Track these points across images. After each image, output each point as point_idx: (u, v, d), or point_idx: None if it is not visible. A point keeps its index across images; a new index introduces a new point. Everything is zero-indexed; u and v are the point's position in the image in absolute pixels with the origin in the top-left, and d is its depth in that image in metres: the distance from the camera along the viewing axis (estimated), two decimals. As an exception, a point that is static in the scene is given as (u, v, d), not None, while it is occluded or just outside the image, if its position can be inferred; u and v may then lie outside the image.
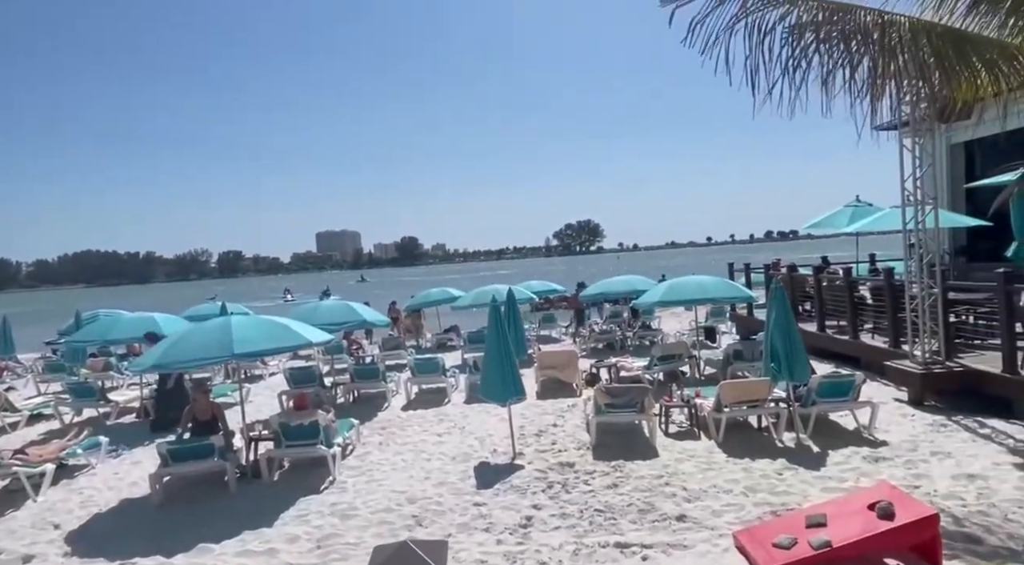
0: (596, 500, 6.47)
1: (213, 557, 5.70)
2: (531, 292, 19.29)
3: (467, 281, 46.32)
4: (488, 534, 5.85)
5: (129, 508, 7.21)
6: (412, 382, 12.48)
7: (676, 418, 9.29)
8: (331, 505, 6.83)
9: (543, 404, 11.02)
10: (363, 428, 9.83)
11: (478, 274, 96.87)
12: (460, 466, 7.92)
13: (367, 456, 8.63)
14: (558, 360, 12.61)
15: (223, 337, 7.63)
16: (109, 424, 11.46)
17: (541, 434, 9.13)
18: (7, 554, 6.02)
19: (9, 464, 7.64)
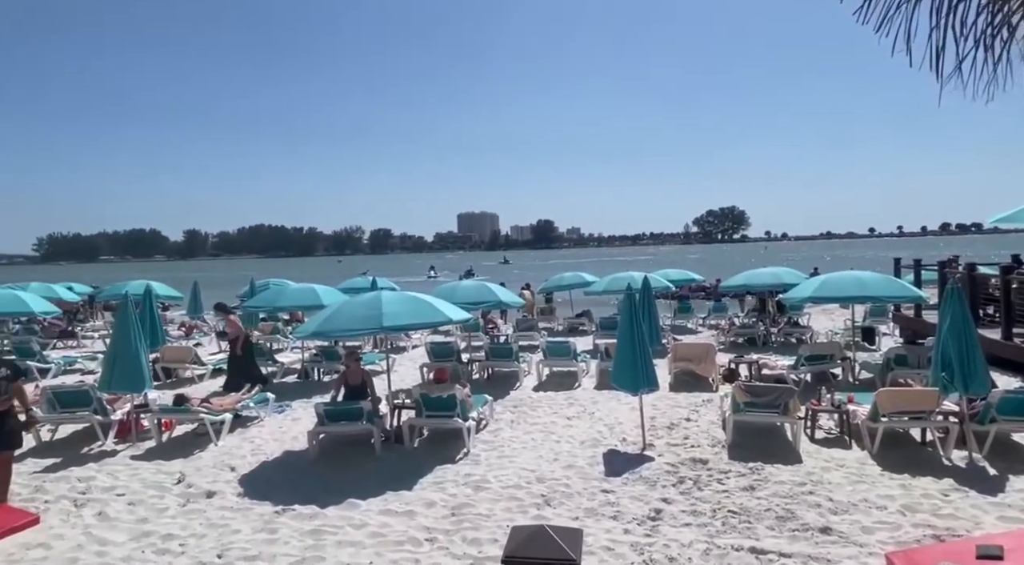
0: (730, 501, 6.22)
1: (359, 512, 6.21)
2: (668, 281, 18.73)
3: (608, 266, 46.09)
4: (615, 522, 5.84)
5: (290, 459, 8.04)
6: (544, 364, 12.68)
7: (824, 424, 8.64)
8: (465, 475, 7.16)
9: (676, 397, 10.73)
10: (496, 405, 10.17)
11: (617, 259, 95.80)
12: (588, 451, 7.96)
13: (499, 432, 8.92)
14: (694, 353, 12.19)
15: (374, 311, 8.21)
16: (275, 382, 12.80)
17: (673, 427, 8.91)
18: (195, 488, 6.97)
19: (197, 411, 8.81)
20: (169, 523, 6.07)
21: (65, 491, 6.91)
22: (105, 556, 5.43)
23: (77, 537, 5.80)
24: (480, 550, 5.35)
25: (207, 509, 6.40)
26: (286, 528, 5.87)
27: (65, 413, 8.75)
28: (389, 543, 5.53)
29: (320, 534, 5.72)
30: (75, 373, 13.84)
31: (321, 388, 11.92)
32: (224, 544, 5.58)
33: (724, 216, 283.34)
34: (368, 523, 5.94)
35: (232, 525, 5.98)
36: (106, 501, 6.63)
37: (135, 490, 6.94)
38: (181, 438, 8.88)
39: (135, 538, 5.76)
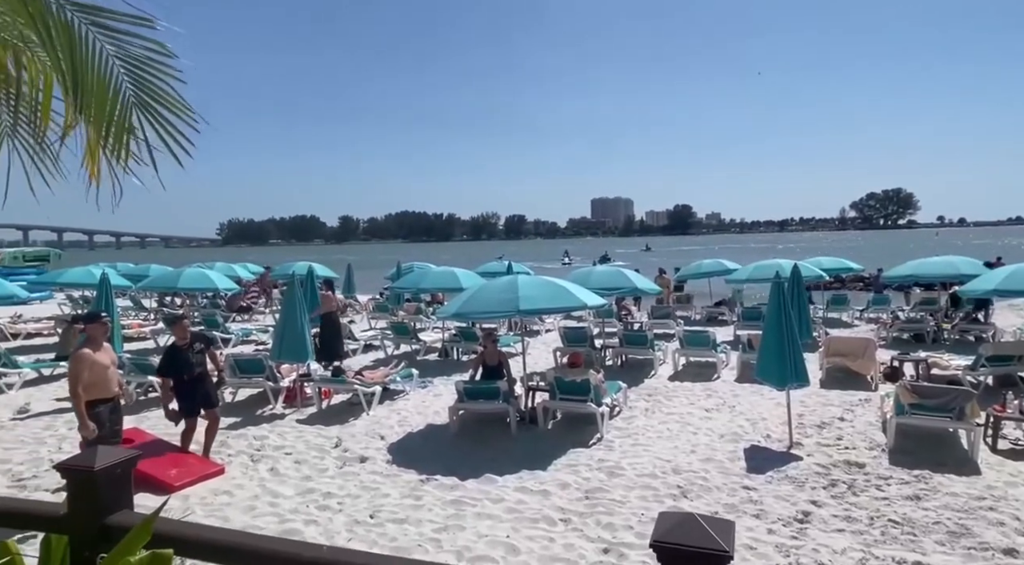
0: (892, 510, 5.70)
1: (496, 487, 6.45)
2: (821, 269, 17.33)
3: (752, 253, 43.57)
4: (758, 521, 5.57)
5: (432, 432, 8.51)
6: (680, 353, 12.31)
7: (1010, 433, 7.62)
8: (598, 460, 7.18)
9: (828, 394, 9.97)
10: (630, 392, 10.05)
11: (762, 246, 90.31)
12: (729, 445, 7.64)
13: (633, 420, 8.82)
14: (850, 347, 11.23)
15: (511, 294, 8.43)
16: (418, 360, 13.58)
17: (824, 426, 8.30)
18: (350, 452, 7.61)
19: (351, 382, 9.58)
20: (328, 482, 6.68)
21: (244, 447, 7.85)
22: (277, 506, 6.10)
23: (254, 488, 6.57)
24: (614, 535, 5.35)
25: (360, 472, 6.96)
26: (429, 496, 6.25)
27: (243, 378, 9.91)
28: (525, 520, 5.69)
29: (460, 505, 6.02)
30: (250, 344, 15.59)
31: (459, 367, 12.47)
32: (375, 505, 6.05)
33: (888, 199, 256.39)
34: (505, 498, 6.15)
35: (382, 489, 6.46)
36: (276, 458, 7.44)
37: (300, 450, 7.71)
38: (337, 406, 9.71)
39: (300, 493, 6.41)
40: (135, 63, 2.32)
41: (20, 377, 11.10)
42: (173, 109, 2.42)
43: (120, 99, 2.33)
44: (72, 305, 23.14)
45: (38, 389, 10.96)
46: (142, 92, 2.36)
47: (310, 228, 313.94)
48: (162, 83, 2.40)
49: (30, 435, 8.41)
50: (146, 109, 2.40)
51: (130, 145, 2.55)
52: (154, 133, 2.44)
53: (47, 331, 17.61)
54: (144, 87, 2.36)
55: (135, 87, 2.35)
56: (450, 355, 13.92)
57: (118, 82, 2.32)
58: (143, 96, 2.37)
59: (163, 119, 2.41)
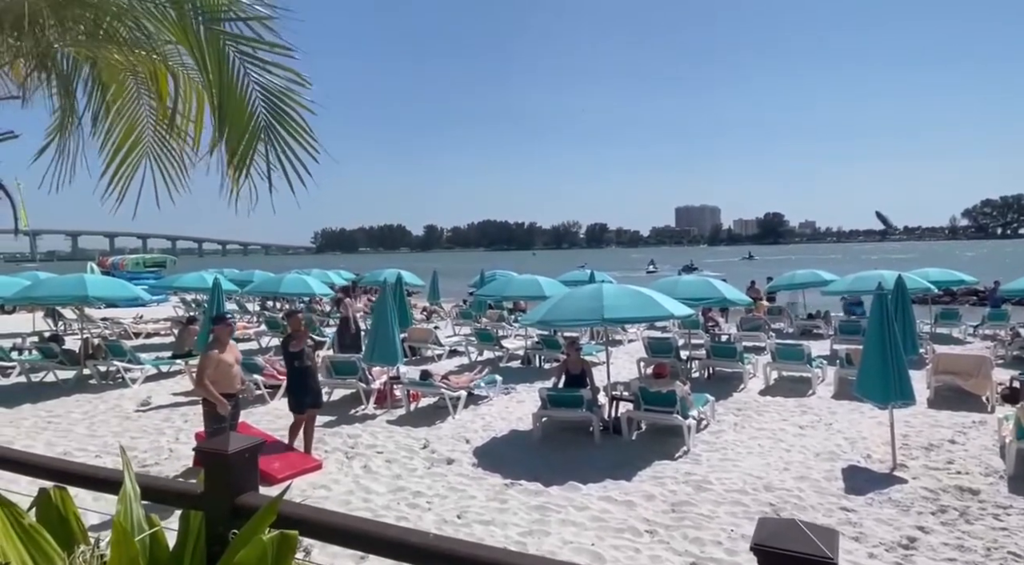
0: (1011, 541, 5.27)
1: (581, 495, 6.46)
2: (928, 281, 16.18)
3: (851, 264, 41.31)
4: (858, 544, 5.30)
5: (516, 437, 8.62)
6: (772, 367, 11.84)
7: None
8: (685, 474, 7.04)
9: (936, 415, 9.31)
10: (718, 406, 9.77)
11: (860, 257, 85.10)
12: (825, 464, 7.29)
13: (721, 434, 8.58)
14: (962, 365, 10.43)
15: (595, 303, 8.43)
16: (502, 366, 13.78)
17: (932, 448, 7.76)
18: (437, 454, 7.85)
19: (439, 386, 9.87)
20: (418, 482, 6.92)
21: (339, 444, 8.25)
22: (370, 502, 6.39)
23: (349, 484, 6.91)
24: (703, 550, 5.24)
25: (447, 474, 7.16)
26: (514, 500, 6.34)
27: (338, 379, 10.42)
28: (610, 529, 5.68)
29: (545, 510, 6.08)
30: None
31: (542, 374, 12.54)
32: (462, 506, 6.21)
33: (1007, 207, 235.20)
34: (589, 507, 6.16)
35: (468, 491, 6.62)
36: (369, 456, 7.78)
37: (391, 450, 8.03)
38: (425, 409, 10.03)
39: (392, 491, 6.68)
40: (271, 90, 2.56)
41: (142, 373, 12.16)
42: (297, 137, 2.64)
43: (254, 122, 2.58)
44: (186, 307, 25.11)
45: (158, 384, 11.97)
46: (273, 118, 2.60)
47: (397, 236, 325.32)
48: (292, 111, 2.64)
49: (151, 426, 9.21)
50: (273, 134, 2.63)
51: (252, 164, 2.80)
52: (276, 157, 2.67)
53: (164, 331, 19.20)
54: (276, 113, 2.60)
55: (268, 113, 2.59)
56: (532, 362, 14.03)
57: (255, 106, 2.57)
58: (272, 121, 2.61)
59: (286, 145, 2.64)
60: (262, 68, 2.49)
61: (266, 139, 2.64)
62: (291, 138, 2.66)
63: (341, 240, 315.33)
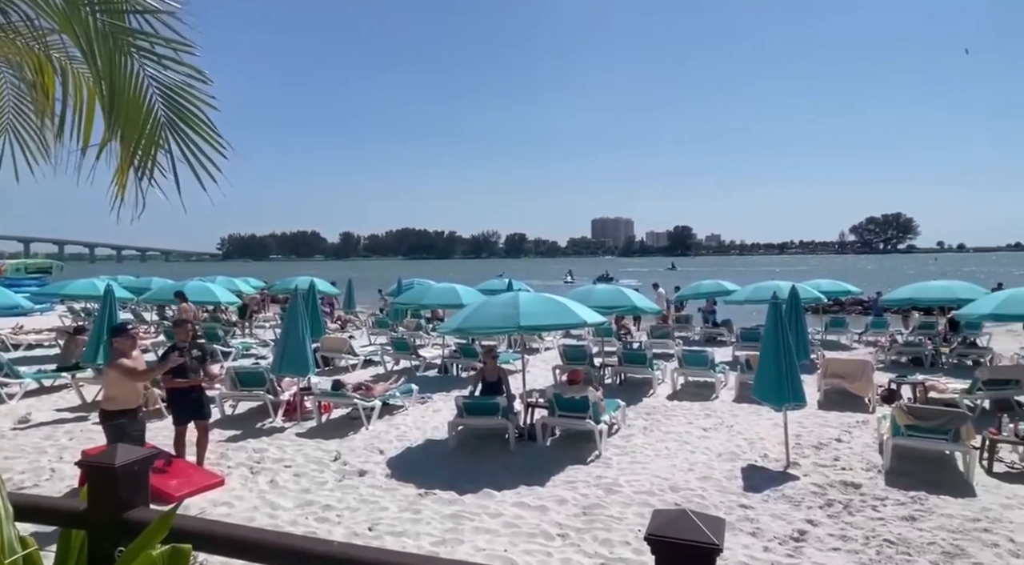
0: (887, 530, 5.74)
1: (495, 502, 6.48)
2: (819, 292, 17.45)
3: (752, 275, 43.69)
4: (755, 539, 5.61)
5: (431, 447, 8.54)
6: (679, 373, 12.37)
7: (1006, 457, 7.67)
8: (596, 477, 7.22)
9: (825, 415, 10.02)
10: (628, 411, 10.09)
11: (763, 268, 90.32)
12: (726, 464, 7.68)
13: (631, 438, 8.87)
14: (847, 369, 11.30)
15: (512, 310, 8.52)
16: (418, 375, 13.63)
17: (821, 447, 8.35)
18: (349, 466, 7.65)
19: (351, 397, 9.63)
20: (328, 495, 6.72)
21: (243, 459, 7.88)
22: (276, 518, 6.14)
23: (253, 500, 6.61)
24: (611, 551, 5.39)
25: (359, 486, 7.00)
26: (428, 509, 6.28)
27: (244, 391, 9.96)
28: (522, 534, 5.73)
29: (459, 518, 6.06)
30: (251, 357, 15.64)
31: (459, 383, 12.52)
32: (374, 518, 6.08)
33: (888, 223, 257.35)
34: (503, 513, 6.19)
35: (381, 502, 6.50)
36: (276, 471, 7.47)
37: (299, 463, 7.75)
38: (337, 420, 9.76)
39: (300, 506, 6.45)
40: (170, 86, 2.44)
41: (21, 387, 11.14)
42: (202, 133, 2.53)
43: (152, 119, 2.45)
44: (73, 317, 23.23)
45: (38, 400, 11.00)
46: (174, 114, 2.48)
47: (311, 243, 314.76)
48: (194, 107, 2.52)
49: (31, 445, 8.45)
50: (176, 130, 2.51)
51: (155, 164, 2.66)
52: (180, 154, 2.55)
53: (48, 342, 17.68)
54: (176, 109, 2.48)
55: (168, 109, 2.47)
56: (450, 371, 13.98)
57: (152, 103, 2.44)
58: (174, 118, 2.49)
59: (191, 142, 2.53)
60: (159, 63, 2.37)
61: (166, 136, 2.51)
62: (195, 134, 2.54)
63: (250, 246, 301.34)
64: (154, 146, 2.59)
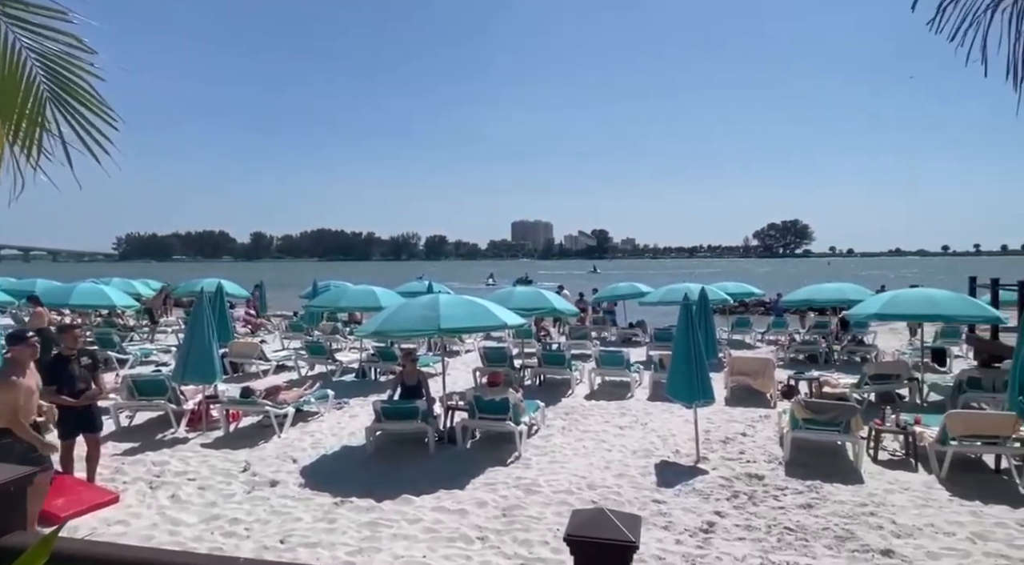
0: (787, 517, 6.10)
1: (413, 508, 6.38)
2: (726, 294, 18.38)
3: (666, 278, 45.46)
4: (667, 533, 5.81)
5: (348, 453, 8.31)
6: (596, 373, 12.65)
7: (888, 445, 8.33)
8: (516, 478, 7.26)
9: (732, 411, 10.54)
10: (548, 411, 10.22)
11: (676, 271, 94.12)
12: (641, 461, 7.92)
13: (550, 438, 8.98)
14: (751, 367, 11.94)
15: (432, 313, 8.44)
16: (335, 380, 13.23)
17: (728, 441, 8.76)
18: (259, 477, 7.30)
19: (262, 404, 9.22)
20: (236, 508, 6.39)
21: (142, 473, 7.36)
22: (177, 535, 5.77)
23: (152, 516, 6.18)
24: (531, 551, 5.42)
25: (271, 497, 6.70)
26: (344, 519, 6.10)
27: (143, 400, 9.31)
28: (442, 539, 5.67)
29: (376, 526, 5.92)
30: (151, 364, 14.66)
31: (377, 387, 12.26)
32: (286, 530, 5.84)
33: (786, 230, 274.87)
34: (422, 518, 6.10)
35: (294, 513, 6.25)
36: (178, 485, 7.03)
37: (205, 476, 7.32)
38: (247, 429, 9.31)
39: (205, 520, 6.09)
40: (50, 57, 2.23)
41: None
42: (90, 106, 2.33)
43: (33, 92, 2.22)
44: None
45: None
46: (57, 86, 2.26)
47: (218, 244, 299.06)
48: (78, 78, 2.31)
49: None
50: (61, 104, 2.30)
51: (42, 141, 2.43)
52: (69, 129, 2.34)
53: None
54: (59, 81, 2.26)
55: (50, 81, 2.25)
56: (368, 375, 13.67)
57: (31, 74, 2.21)
58: (58, 90, 2.27)
59: (78, 114, 2.32)
60: (35, 33, 2.16)
61: (51, 110, 2.29)
62: (83, 107, 2.33)
63: (151, 247, 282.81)
64: (39, 119, 2.36)
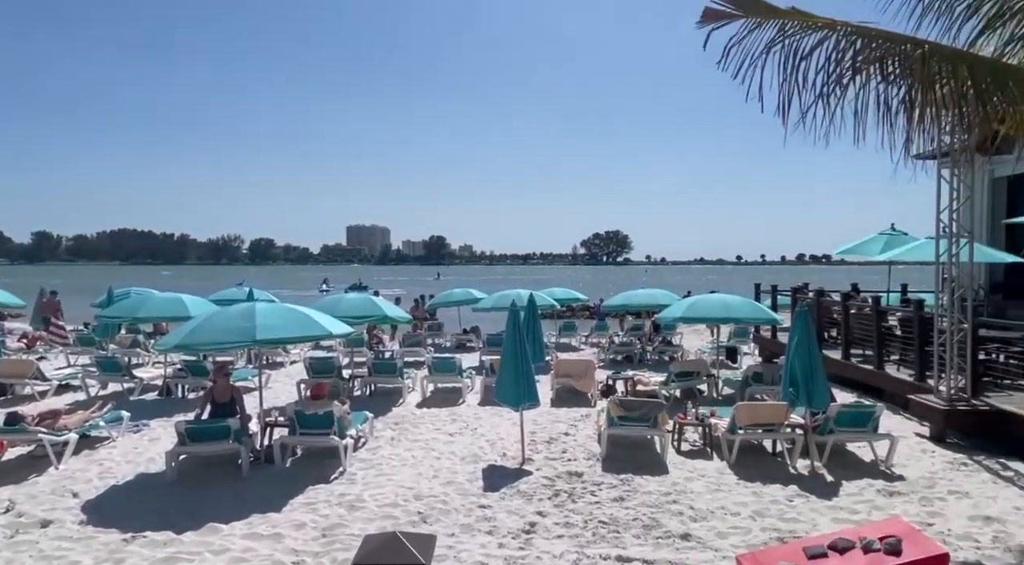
0: (602, 512, 6.46)
1: (220, 537, 5.81)
2: (553, 299, 19.28)
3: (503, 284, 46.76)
4: (491, 537, 5.87)
5: (145, 482, 7.39)
6: (429, 380, 12.57)
7: (690, 436, 9.21)
8: (339, 495, 6.93)
9: (557, 412, 11.02)
10: (377, 422, 9.94)
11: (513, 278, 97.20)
12: (469, 467, 7.97)
13: (378, 450, 8.72)
14: (575, 369, 12.60)
15: (247, 323, 7.80)
16: (132, 400, 11.76)
17: (552, 442, 9.13)
18: (27, 517, 6.22)
19: (35, 431, 7.89)
20: (-9, 558, 5.37)
21: None
22: (-95, 600, 4.71)
23: None
24: (350, 571, 5.18)
25: (40, 540, 5.73)
26: (135, 556, 5.39)
27: None
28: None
29: (174, 561, 5.31)
30: None
31: (185, 406, 11.08)
32: (58, 579, 5.02)
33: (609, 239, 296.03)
34: (230, 548, 5.58)
35: (70, 556, 5.40)
36: (-89, 536, 5.76)
37: (-50, 522, 6.08)
38: (13, 462, 7.92)
39: (-54, 577, 5.05)
40: None
41: None
42: None
43: None
44: None
45: None
46: None
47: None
48: None
49: None
50: None
51: None
52: None
53: None
54: None
55: None
56: (173, 393, 12.32)
57: None
58: None
59: None
60: None
61: None
62: None
63: None
64: None
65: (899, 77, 5.06)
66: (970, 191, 9.26)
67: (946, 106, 4.98)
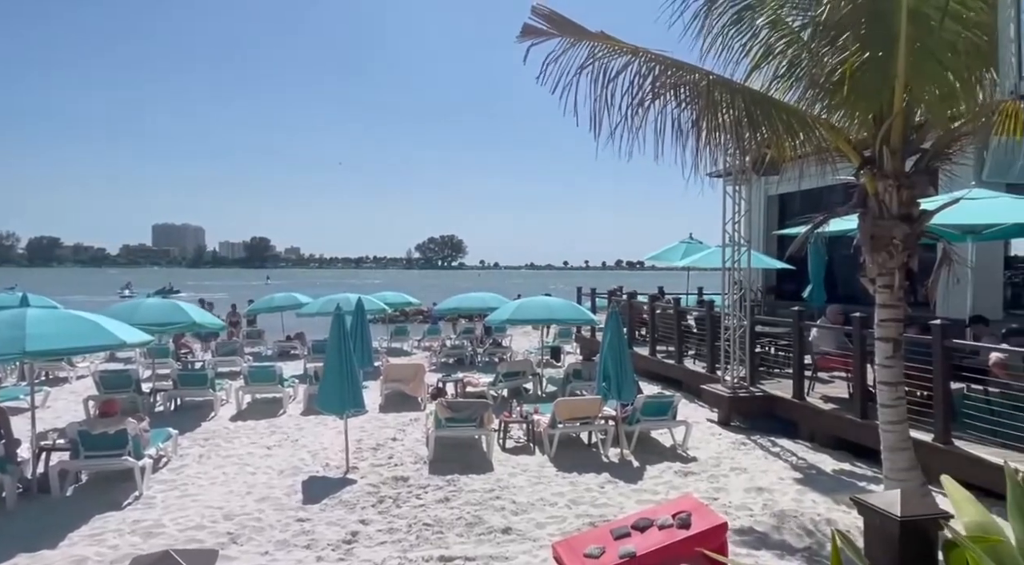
0: (426, 514, 6.45)
1: (-27, 586, 4.92)
2: (385, 303, 18.94)
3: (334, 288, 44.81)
4: (309, 551, 5.60)
5: None
6: (245, 391, 11.70)
7: (515, 434, 9.54)
8: (133, 522, 6.19)
9: (385, 418, 10.83)
10: (182, 439, 9.06)
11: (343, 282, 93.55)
12: (287, 480, 7.54)
13: (183, 469, 7.95)
14: (404, 373, 12.49)
15: (15, 332, 6.69)
16: None
17: (379, 448, 8.95)
18: None
19: None
20: None
21: None
22: None
23: None
24: (142, 606, 4.63)
25: None
26: None
27: None
28: (14, 618, 4.47)
29: (-96, 624, 4.38)
30: None
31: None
32: None
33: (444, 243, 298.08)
34: (-15, 598, 4.74)
35: None
36: None
37: None
38: None
39: None
40: None
41: None
42: None
43: None
44: None
45: None
46: None
47: None
48: None
49: None
50: None
51: None
52: None
53: None
54: None
55: None
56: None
57: None
58: None
59: None
60: None
61: None
62: None
63: None
64: None
65: (690, 103, 5.70)
66: (748, 205, 10.67)
67: (727, 130, 5.69)
